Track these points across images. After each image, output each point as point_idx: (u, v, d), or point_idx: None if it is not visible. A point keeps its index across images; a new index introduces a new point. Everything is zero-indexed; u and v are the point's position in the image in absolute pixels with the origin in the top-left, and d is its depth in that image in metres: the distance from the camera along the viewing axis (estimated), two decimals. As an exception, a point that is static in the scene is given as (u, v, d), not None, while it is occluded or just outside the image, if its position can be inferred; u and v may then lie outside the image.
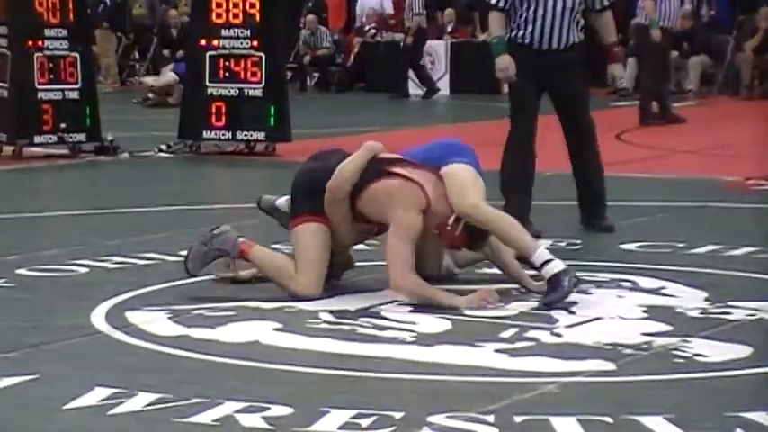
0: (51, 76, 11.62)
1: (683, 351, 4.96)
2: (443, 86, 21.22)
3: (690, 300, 5.83)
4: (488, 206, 5.79)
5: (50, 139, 11.74)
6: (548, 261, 5.67)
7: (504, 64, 7.43)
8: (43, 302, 5.87)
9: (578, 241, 6.91)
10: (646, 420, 4.08)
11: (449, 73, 21.25)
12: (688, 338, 5.13)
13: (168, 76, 18.65)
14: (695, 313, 5.60)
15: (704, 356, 4.90)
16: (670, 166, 11.27)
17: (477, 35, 22.17)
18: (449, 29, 22.05)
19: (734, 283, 6.22)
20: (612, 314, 5.57)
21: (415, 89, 20.91)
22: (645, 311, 5.62)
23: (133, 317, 5.53)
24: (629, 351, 4.96)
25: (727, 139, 13.72)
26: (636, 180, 10.27)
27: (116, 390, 4.40)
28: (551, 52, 7.43)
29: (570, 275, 5.66)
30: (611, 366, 4.75)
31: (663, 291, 6.03)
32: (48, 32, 11.62)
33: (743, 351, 4.96)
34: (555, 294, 5.62)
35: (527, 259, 5.78)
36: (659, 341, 5.11)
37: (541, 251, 5.71)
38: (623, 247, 7.14)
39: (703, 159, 11.92)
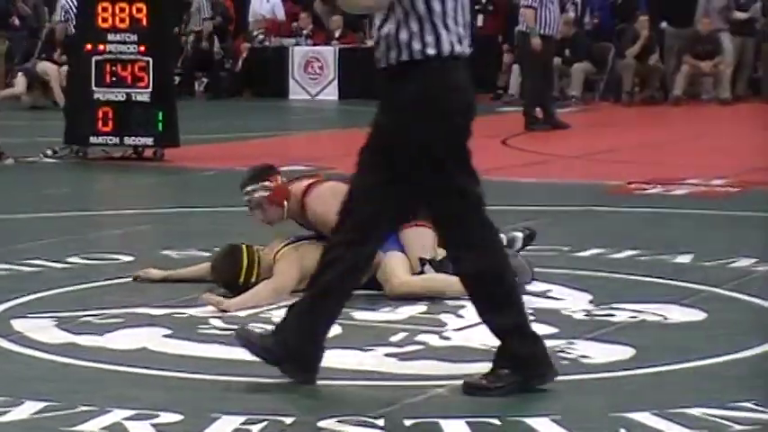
0: (-67, 82, 11.41)
1: (569, 353, 5.05)
2: (332, 92, 21.25)
3: (575, 302, 5.93)
4: (413, 278, 5.94)
5: (-67, 145, 11.51)
6: None
7: None
8: (-74, 311, 5.76)
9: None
10: (533, 422, 4.14)
11: (337, 78, 21.28)
12: (573, 340, 5.22)
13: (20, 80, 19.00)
14: (580, 315, 5.70)
15: (589, 358, 4.99)
16: (555, 171, 11.42)
17: (366, 41, 22.22)
18: (336, 35, 22.08)
19: (617, 286, 6.34)
20: (500, 317, 5.63)
21: (300, 94, 20.99)
22: (531, 314, 5.66)
23: (18, 324, 5.46)
24: (516, 353, 5.02)
25: (610, 144, 13.93)
26: (521, 185, 10.40)
27: (2, 398, 4.35)
28: None
29: None
30: (498, 369, 4.80)
31: (549, 293, 6.12)
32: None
33: (626, 352, 5.06)
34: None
35: None
36: (545, 343, 5.18)
37: None
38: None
39: (587, 164, 12.09)
